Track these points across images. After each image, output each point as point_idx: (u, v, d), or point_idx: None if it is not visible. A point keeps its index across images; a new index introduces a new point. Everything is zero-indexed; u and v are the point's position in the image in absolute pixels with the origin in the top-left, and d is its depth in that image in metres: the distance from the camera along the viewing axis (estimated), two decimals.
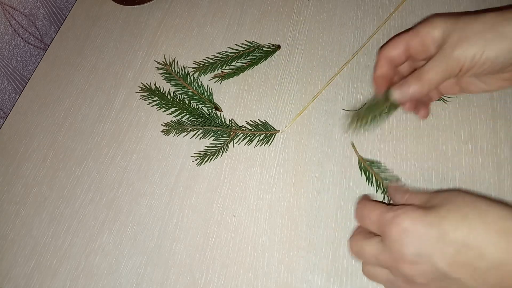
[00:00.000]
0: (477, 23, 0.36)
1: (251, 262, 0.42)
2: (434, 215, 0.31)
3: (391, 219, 0.32)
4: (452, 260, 0.29)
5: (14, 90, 0.62)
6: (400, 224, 0.31)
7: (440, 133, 0.45)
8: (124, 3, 0.60)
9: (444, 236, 0.30)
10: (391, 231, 0.31)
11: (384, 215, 0.33)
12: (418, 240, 0.30)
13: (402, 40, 0.40)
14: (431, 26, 0.38)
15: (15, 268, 0.45)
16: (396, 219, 0.31)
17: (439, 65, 0.37)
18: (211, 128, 0.48)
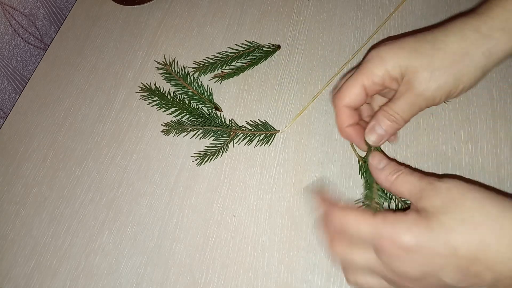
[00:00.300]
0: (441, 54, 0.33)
1: (251, 262, 0.42)
2: (440, 227, 0.27)
3: (389, 236, 0.29)
4: (461, 274, 0.28)
5: (14, 90, 0.62)
6: (402, 244, 0.28)
7: (440, 133, 0.45)
8: (124, 3, 0.60)
9: (453, 252, 0.27)
10: (390, 250, 0.29)
11: (381, 231, 0.29)
12: (424, 260, 0.28)
13: (355, 84, 0.36)
14: (382, 62, 0.35)
15: (15, 268, 0.45)
16: (396, 237, 0.28)
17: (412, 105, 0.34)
18: (211, 128, 0.48)
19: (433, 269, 0.28)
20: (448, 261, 0.28)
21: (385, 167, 0.34)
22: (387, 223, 0.29)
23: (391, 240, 0.29)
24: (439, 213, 0.28)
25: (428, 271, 0.28)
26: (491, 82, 0.47)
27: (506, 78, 0.47)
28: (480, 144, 0.44)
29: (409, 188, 0.31)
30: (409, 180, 0.31)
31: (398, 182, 0.32)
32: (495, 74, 0.47)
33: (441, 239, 0.27)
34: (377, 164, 0.34)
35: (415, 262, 0.28)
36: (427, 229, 0.28)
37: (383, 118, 0.35)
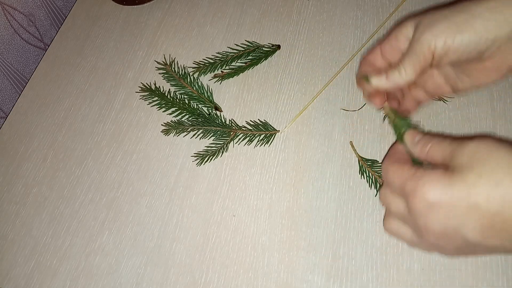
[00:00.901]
0: (446, 9, 0.34)
1: (251, 262, 0.42)
2: (462, 183, 0.27)
3: (413, 190, 0.29)
4: (485, 231, 0.27)
5: (14, 90, 0.62)
6: (423, 197, 0.28)
7: (440, 133, 0.45)
8: (124, 3, 0.60)
9: (475, 208, 0.27)
10: (414, 204, 0.29)
11: (406, 185, 0.30)
12: (445, 215, 0.28)
13: (376, 46, 0.39)
14: (402, 25, 0.37)
15: (15, 268, 0.45)
16: (419, 191, 0.29)
17: (410, 53, 0.35)
18: (211, 128, 0.48)
19: (455, 225, 0.28)
20: (470, 217, 0.27)
21: (419, 141, 0.34)
22: (413, 177, 0.30)
23: (414, 195, 0.29)
24: (463, 169, 0.28)
25: (450, 227, 0.28)
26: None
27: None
28: None
29: (442, 154, 0.31)
30: (441, 146, 0.31)
31: (431, 150, 0.32)
32: None
33: (462, 195, 0.27)
34: (411, 139, 0.35)
35: (437, 217, 0.28)
36: (448, 185, 0.28)
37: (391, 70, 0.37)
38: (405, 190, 0.30)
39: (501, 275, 0.38)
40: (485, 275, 0.38)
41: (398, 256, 0.40)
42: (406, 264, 0.40)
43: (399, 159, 0.34)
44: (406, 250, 0.40)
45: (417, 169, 0.31)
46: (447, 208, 0.28)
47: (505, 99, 0.46)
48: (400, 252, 0.40)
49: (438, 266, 0.39)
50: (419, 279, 0.39)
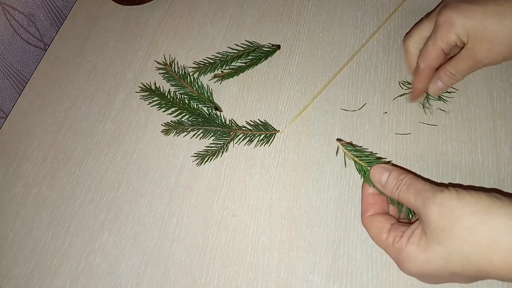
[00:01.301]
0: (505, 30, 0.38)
1: (251, 262, 0.42)
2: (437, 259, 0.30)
3: (396, 261, 0.33)
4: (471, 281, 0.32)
5: (14, 90, 0.62)
6: (408, 271, 0.32)
7: (440, 133, 0.45)
8: (124, 3, 0.60)
9: (456, 274, 0.31)
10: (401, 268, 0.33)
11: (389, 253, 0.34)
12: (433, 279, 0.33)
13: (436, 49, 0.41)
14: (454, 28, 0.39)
15: (15, 268, 0.45)
16: (401, 265, 0.33)
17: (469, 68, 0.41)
18: (211, 128, 0.48)
19: (445, 281, 0.33)
20: (454, 279, 0.32)
21: (387, 182, 0.36)
22: (393, 249, 0.33)
23: (398, 264, 0.33)
24: (434, 243, 0.31)
25: (441, 281, 0.33)
26: (491, 82, 0.47)
27: (506, 78, 0.47)
28: (480, 144, 0.44)
29: (410, 205, 0.34)
30: (407, 199, 0.34)
31: (400, 199, 0.34)
32: (495, 74, 0.47)
33: (440, 268, 0.31)
34: (379, 181, 0.36)
35: (426, 280, 0.34)
36: (425, 261, 0.31)
37: (444, 75, 0.42)
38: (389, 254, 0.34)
39: None
40: None
41: None
42: None
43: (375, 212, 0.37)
44: None
45: (394, 237, 0.34)
46: (432, 275, 0.32)
47: (505, 99, 0.46)
48: None
49: None
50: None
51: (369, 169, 0.37)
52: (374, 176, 0.36)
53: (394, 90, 0.48)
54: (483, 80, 0.47)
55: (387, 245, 0.34)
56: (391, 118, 0.47)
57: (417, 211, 0.33)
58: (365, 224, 0.37)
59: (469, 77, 0.48)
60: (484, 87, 0.47)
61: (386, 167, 0.36)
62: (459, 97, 0.47)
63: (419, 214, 0.32)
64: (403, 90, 0.48)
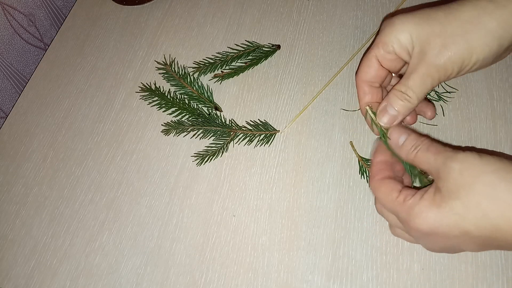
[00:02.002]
0: (455, 22, 0.32)
1: (251, 262, 0.42)
2: (451, 215, 0.29)
3: (406, 220, 0.31)
4: (479, 247, 0.30)
5: (14, 90, 0.63)
6: (417, 229, 0.31)
7: (440, 133, 0.45)
8: (124, 3, 0.60)
9: (467, 234, 0.29)
10: (410, 231, 0.32)
11: (399, 214, 0.32)
12: (441, 240, 0.31)
13: (369, 57, 0.36)
14: (394, 31, 0.34)
15: (15, 268, 0.45)
16: (411, 223, 0.31)
17: (424, 78, 0.33)
18: (211, 128, 0.48)
19: (452, 244, 0.31)
20: (464, 241, 0.30)
21: (405, 143, 0.34)
22: (405, 207, 0.31)
23: (408, 225, 0.31)
24: (451, 198, 0.29)
25: (448, 246, 0.31)
26: (491, 82, 0.47)
27: (506, 78, 0.47)
28: (480, 144, 0.44)
29: (427, 167, 0.32)
30: (426, 159, 0.32)
31: (417, 160, 0.33)
32: (495, 74, 0.47)
33: (453, 225, 0.29)
34: (396, 141, 0.35)
35: (434, 241, 0.31)
36: (439, 217, 0.29)
37: (394, 97, 0.35)
38: (398, 217, 0.32)
39: (501, 275, 0.38)
40: (485, 275, 0.38)
41: (398, 256, 0.40)
42: (406, 264, 0.40)
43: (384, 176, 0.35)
44: (406, 250, 0.40)
45: (405, 196, 0.32)
46: (441, 235, 0.30)
47: (505, 99, 0.46)
48: (400, 252, 0.40)
49: (438, 266, 0.39)
50: (419, 279, 0.39)
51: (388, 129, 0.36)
52: (393, 135, 0.35)
53: None
54: (483, 80, 0.47)
55: (398, 203, 0.32)
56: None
57: (435, 170, 0.31)
58: (373, 186, 0.34)
59: (469, 77, 0.48)
60: (484, 87, 0.47)
61: (405, 129, 0.35)
62: (459, 97, 0.47)
63: (438, 172, 0.31)
64: None
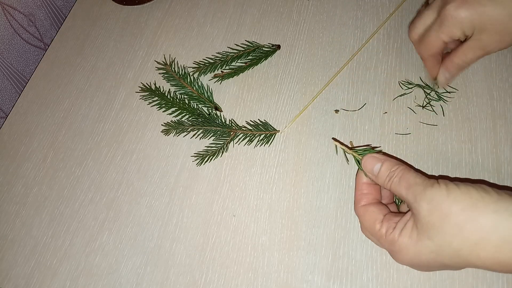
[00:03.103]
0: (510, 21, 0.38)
1: (251, 262, 0.42)
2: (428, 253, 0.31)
3: (389, 251, 0.34)
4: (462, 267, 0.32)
5: (14, 90, 0.62)
6: (400, 261, 0.33)
7: (440, 133, 0.45)
8: (124, 3, 0.60)
9: (445, 266, 0.32)
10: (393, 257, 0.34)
11: (382, 244, 0.35)
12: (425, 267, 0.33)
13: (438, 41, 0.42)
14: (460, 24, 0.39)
15: (15, 268, 0.45)
16: (394, 256, 0.34)
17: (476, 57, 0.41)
18: (211, 128, 0.48)
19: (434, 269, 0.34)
20: (444, 268, 0.33)
21: (379, 174, 0.36)
22: (386, 241, 0.34)
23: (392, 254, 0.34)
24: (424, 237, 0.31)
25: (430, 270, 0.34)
26: (491, 82, 0.47)
27: (506, 78, 0.47)
28: (480, 144, 0.44)
29: (402, 197, 0.34)
30: (399, 191, 0.34)
31: (392, 189, 0.35)
32: (495, 74, 0.47)
33: (430, 259, 0.32)
34: (371, 172, 0.37)
35: (418, 268, 0.34)
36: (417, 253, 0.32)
37: (451, 66, 0.43)
38: (381, 243, 0.35)
39: (501, 275, 0.38)
40: (485, 275, 0.38)
41: None
42: None
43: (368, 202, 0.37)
44: None
45: (387, 229, 0.34)
46: (423, 267, 0.33)
47: (505, 99, 0.46)
48: None
49: None
50: (419, 279, 0.39)
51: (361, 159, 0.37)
52: (366, 166, 0.37)
53: (394, 90, 0.48)
54: (483, 80, 0.47)
55: (380, 235, 0.34)
56: (391, 118, 0.47)
57: (408, 204, 0.33)
58: (358, 213, 0.37)
59: (469, 77, 0.48)
60: (484, 87, 0.47)
61: (378, 157, 0.36)
62: (459, 97, 0.47)
63: (411, 207, 0.33)
64: (403, 90, 0.48)
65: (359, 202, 0.38)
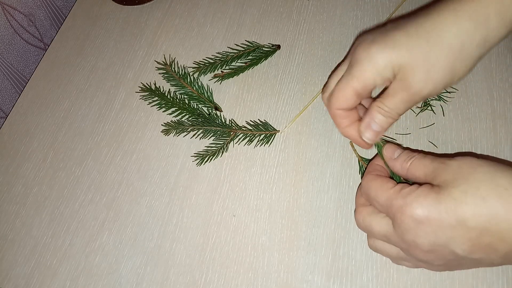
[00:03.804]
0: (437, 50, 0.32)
1: (251, 262, 0.42)
2: (449, 199, 0.28)
3: (400, 207, 0.30)
4: (472, 245, 0.28)
5: (14, 90, 0.62)
6: (412, 215, 0.29)
7: (440, 133, 0.45)
8: (124, 3, 0.60)
9: (462, 224, 0.28)
10: (402, 221, 0.30)
11: (393, 202, 0.31)
12: (434, 231, 0.29)
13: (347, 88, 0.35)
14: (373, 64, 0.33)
15: (15, 268, 0.45)
16: (407, 208, 0.29)
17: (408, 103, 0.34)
18: (211, 128, 0.48)
19: (444, 241, 0.29)
20: (458, 233, 0.28)
21: (399, 156, 0.35)
22: (400, 194, 0.30)
23: (401, 211, 0.30)
24: (449, 187, 0.29)
25: (439, 243, 0.29)
26: (491, 82, 0.47)
27: (506, 78, 0.47)
28: (480, 144, 0.44)
29: (424, 171, 0.32)
30: (422, 163, 0.32)
31: (412, 167, 0.33)
32: (495, 74, 0.47)
33: (450, 211, 0.28)
34: (391, 155, 0.35)
35: (425, 234, 0.29)
36: (436, 201, 0.28)
37: (377, 114, 0.35)
38: (391, 206, 0.31)
39: (501, 275, 0.38)
40: (485, 275, 0.38)
41: None
42: None
43: (380, 175, 0.35)
44: None
45: (402, 186, 0.31)
46: (435, 224, 0.28)
47: (505, 99, 0.46)
48: None
49: None
50: (419, 279, 0.39)
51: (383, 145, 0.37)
52: (388, 149, 0.36)
53: None
54: (483, 80, 0.47)
55: (394, 191, 0.31)
56: None
57: (432, 170, 0.31)
58: (367, 179, 0.34)
59: (469, 77, 0.48)
60: (484, 87, 0.47)
61: (400, 147, 0.36)
62: (459, 97, 0.47)
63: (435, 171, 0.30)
64: None
65: (371, 172, 0.35)
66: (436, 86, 0.33)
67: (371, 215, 0.34)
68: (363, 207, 0.35)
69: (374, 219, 0.33)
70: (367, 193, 0.34)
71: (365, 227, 0.35)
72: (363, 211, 0.35)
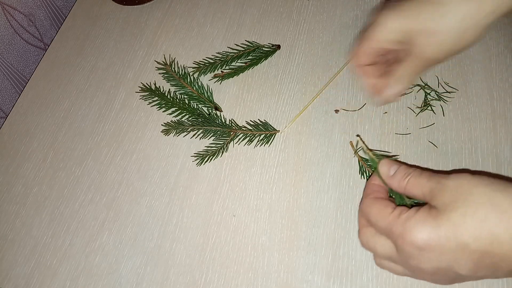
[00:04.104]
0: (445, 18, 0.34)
1: (251, 262, 0.42)
2: (448, 223, 0.28)
3: (401, 234, 0.30)
4: (475, 266, 0.28)
5: (14, 90, 0.62)
6: (412, 242, 0.29)
7: (440, 133, 0.45)
8: (124, 3, 0.60)
9: (464, 248, 0.28)
10: (404, 248, 0.30)
11: (393, 229, 0.31)
12: (436, 257, 0.29)
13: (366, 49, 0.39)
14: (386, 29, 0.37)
15: (15, 268, 0.45)
16: (407, 235, 0.29)
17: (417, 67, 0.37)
18: (211, 128, 0.48)
19: (447, 264, 0.29)
20: (460, 256, 0.28)
21: (396, 173, 0.35)
22: (399, 220, 0.31)
23: (402, 238, 0.30)
24: (447, 210, 0.29)
25: (442, 267, 0.29)
26: (491, 82, 0.47)
27: (506, 78, 0.47)
28: (480, 144, 0.44)
29: (421, 191, 0.32)
30: (419, 183, 0.32)
31: (409, 186, 0.33)
32: (495, 74, 0.47)
33: (450, 235, 0.28)
34: (387, 172, 0.36)
35: (428, 259, 0.29)
36: (435, 227, 0.28)
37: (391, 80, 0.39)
38: (392, 233, 0.31)
39: None
40: None
41: None
42: None
43: (379, 196, 0.35)
44: None
45: (401, 211, 0.31)
46: (437, 249, 0.29)
47: (505, 99, 0.46)
48: None
49: None
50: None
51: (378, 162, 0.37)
52: (383, 167, 0.36)
53: None
54: (483, 80, 0.47)
55: (393, 217, 0.31)
56: (391, 118, 0.47)
57: (429, 190, 0.31)
58: (366, 203, 0.35)
59: (469, 77, 0.48)
60: (484, 87, 0.47)
61: (395, 162, 0.36)
62: (459, 97, 0.47)
63: (432, 192, 0.31)
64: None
65: (369, 194, 0.36)
66: (442, 50, 0.35)
67: (374, 237, 0.34)
68: (366, 228, 0.35)
69: (378, 241, 0.33)
70: (367, 218, 0.34)
71: (369, 249, 0.35)
72: (366, 233, 0.35)
